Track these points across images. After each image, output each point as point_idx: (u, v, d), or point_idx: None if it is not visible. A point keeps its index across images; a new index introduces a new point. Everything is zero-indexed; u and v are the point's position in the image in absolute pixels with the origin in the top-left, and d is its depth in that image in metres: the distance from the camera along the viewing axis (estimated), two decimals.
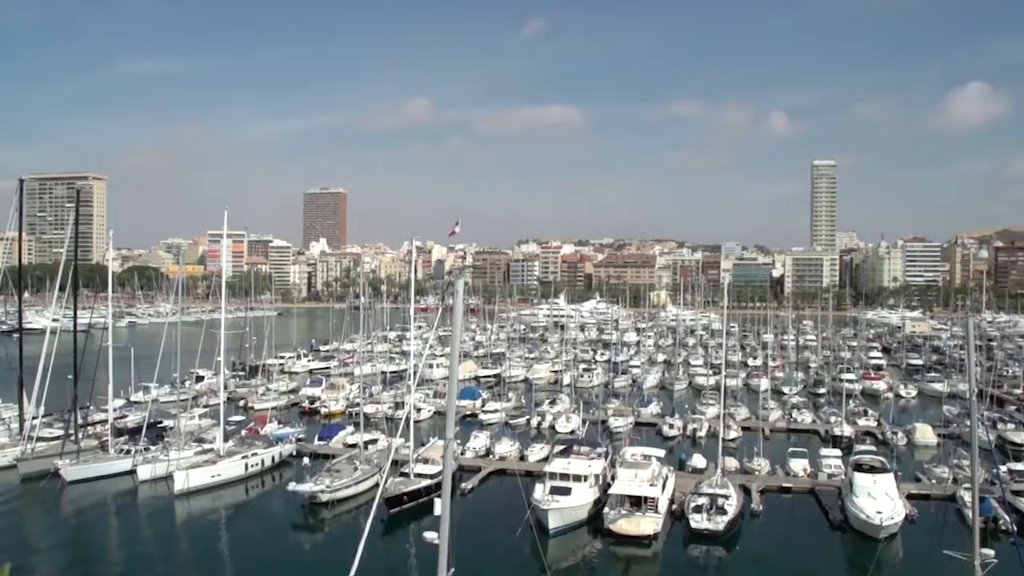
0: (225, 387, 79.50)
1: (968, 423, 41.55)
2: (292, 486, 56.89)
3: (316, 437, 75.51)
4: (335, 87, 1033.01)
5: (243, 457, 64.34)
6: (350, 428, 76.24)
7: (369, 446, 67.49)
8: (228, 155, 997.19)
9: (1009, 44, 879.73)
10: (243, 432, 73.35)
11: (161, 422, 74.13)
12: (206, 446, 66.66)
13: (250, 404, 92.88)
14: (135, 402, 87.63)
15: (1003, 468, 59.25)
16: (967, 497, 51.03)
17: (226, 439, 67.47)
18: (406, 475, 57.16)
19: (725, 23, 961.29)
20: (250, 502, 60.77)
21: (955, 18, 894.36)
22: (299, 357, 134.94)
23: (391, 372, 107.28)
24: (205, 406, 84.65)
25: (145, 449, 64.87)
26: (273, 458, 66.93)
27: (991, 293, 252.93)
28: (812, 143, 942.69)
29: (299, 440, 73.37)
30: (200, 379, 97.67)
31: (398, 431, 53.85)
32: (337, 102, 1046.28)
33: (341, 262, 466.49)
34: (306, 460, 64.79)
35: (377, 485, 48.59)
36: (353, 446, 68.28)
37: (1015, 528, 46.68)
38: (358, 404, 75.54)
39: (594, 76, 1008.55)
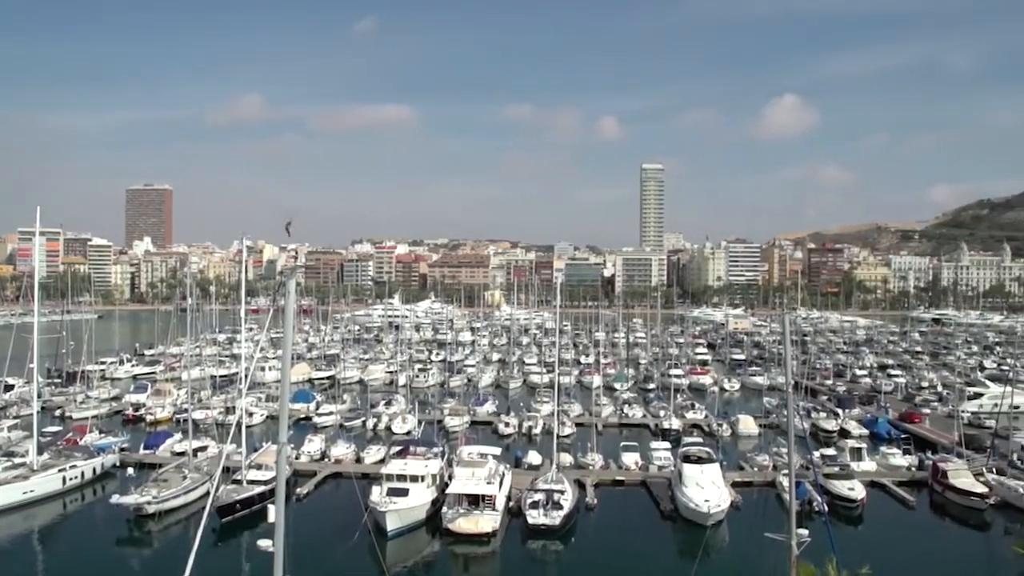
0: (39, 396, 74.62)
1: (786, 413, 44.05)
2: (115, 499, 53.97)
3: (141, 446, 72.26)
4: (162, 80, 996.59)
5: (60, 470, 60.46)
6: (178, 435, 73.67)
7: (198, 453, 65.18)
8: (42, 147, 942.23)
9: (818, 61, 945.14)
10: (60, 443, 69.07)
11: None
12: (17, 460, 62.00)
13: (68, 413, 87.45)
14: None
15: (816, 454, 63.18)
16: (785, 482, 54.12)
17: (40, 452, 63.10)
18: (238, 482, 55.50)
19: (556, 28, 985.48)
20: (69, 518, 57.30)
21: (772, 34, 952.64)
22: (122, 362, 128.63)
23: (221, 376, 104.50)
24: (16, 417, 79.49)
25: None
26: (94, 470, 63.42)
27: (805, 291, 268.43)
28: (641, 147, 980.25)
29: (123, 450, 69.85)
30: (9, 388, 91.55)
31: (229, 437, 51.96)
32: (163, 96, 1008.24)
33: (167, 262, 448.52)
34: (130, 471, 61.98)
35: (208, 494, 47.04)
36: (181, 454, 65.70)
37: (826, 509, 49.91)
38: (186, 410, 72.89)
39: (427, 76, 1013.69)
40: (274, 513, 23.61)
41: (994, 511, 57.83)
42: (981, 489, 58.72)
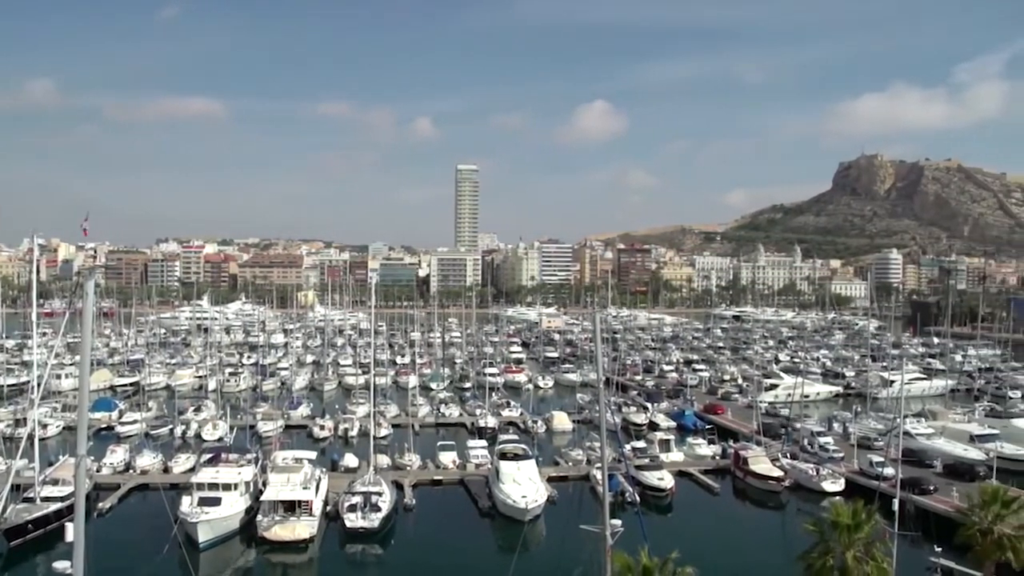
0: None
1: (598, 409, 45.38)
2: None
3: None
4: None
5: None
6: None
7: None
8: None
9: (627, 69, 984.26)
10: None
11: None
12: None
13: None
14: None
15: (627, 447, 65.73)
16: (598, 475, 55.67)
17: None
18: (30, 500, 51.77)
19: (372, 27, 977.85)
20: None
21: (583, 42, 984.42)
22: None
23: (9, 385, 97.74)
24: None
25: None
26: None
27: (615, 290, 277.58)
28: (456, 148, 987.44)
29: None
30: None
31: (19, 452, 48.50)
32: None
33: None
34: None
35: None
36: None
37: (638, 499, 52.01)
38: None
39: (237, 69, 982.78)
40: (72, 531, 22.38)
41: (788, 492, 62.58)
42: (777, 473, 63.52)
